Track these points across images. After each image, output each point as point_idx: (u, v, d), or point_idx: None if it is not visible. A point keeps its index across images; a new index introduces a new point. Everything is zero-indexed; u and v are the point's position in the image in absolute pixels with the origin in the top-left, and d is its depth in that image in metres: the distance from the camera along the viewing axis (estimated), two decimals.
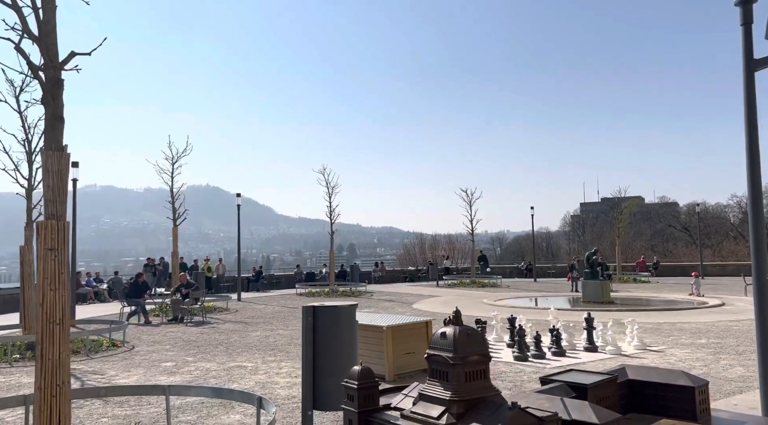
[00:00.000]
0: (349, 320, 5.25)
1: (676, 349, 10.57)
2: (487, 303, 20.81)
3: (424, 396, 1.87)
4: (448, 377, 1.83)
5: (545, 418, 1.81)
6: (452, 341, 1.86)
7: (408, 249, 49.93)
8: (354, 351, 5.27)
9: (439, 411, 1.78)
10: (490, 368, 6.03)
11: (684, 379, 2.49)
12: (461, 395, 1.79)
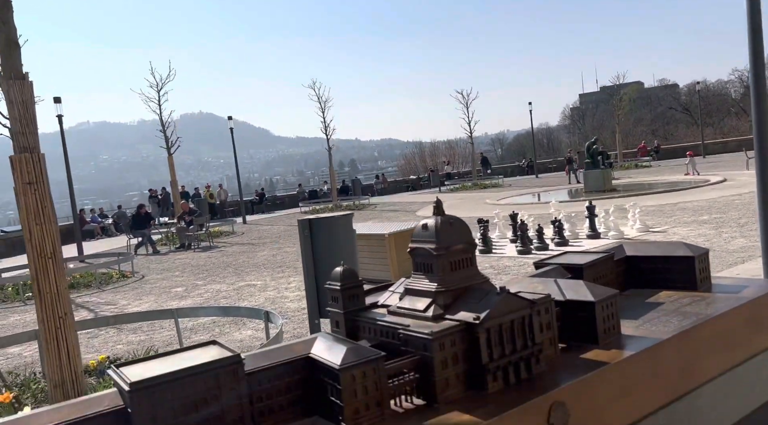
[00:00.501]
0: (346, 229, 5.19)
1: (679, 228, 10.62)
2: (490, 203, 20.88)
3: (409, 290, 1.78)
4: (432, 269, 1.73)
5: (537, 301, 1.72)
6: (434, 232, 1.74)
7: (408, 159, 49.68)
8: (353, 258, 5.25)
9: (425, 303, 1.69)
10: (493, 263, 5.88)
11: (683, 249, 2.40)
12: (447, 285, 1.69)
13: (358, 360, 1.43)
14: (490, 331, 1.59)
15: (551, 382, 1.61)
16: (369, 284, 4.64)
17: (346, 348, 1.47)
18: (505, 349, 1.62)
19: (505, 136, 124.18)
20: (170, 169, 20.28)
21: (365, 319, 1.78)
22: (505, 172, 37.88)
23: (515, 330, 1.65)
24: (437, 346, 1.52)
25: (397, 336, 1.63)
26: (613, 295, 1.91)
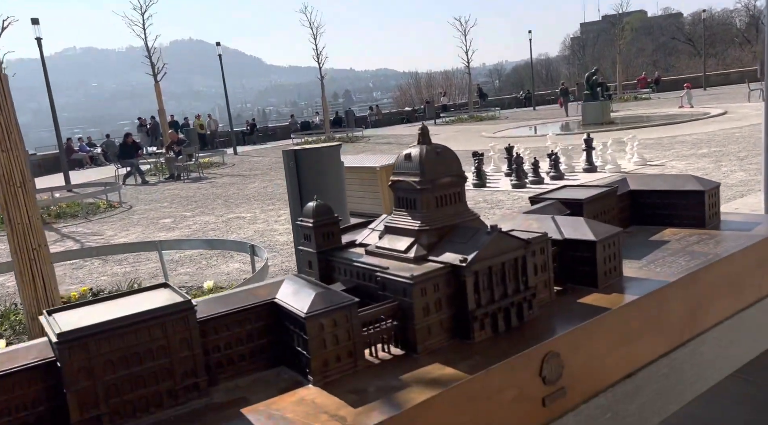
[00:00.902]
0: (333, 161, 4.97)
1: (677, 161, 10.42)
2: (486, 136, 20.53)
3: (390, 228, 1.59)
4: (415, 204, 1.52)
5: (533, 240, 1.53)
6: (418, 163, 1.53)
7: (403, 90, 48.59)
8: (341, 191, 5.05)
9: (407, 243, 1.50)
10: (486, 197, 5.63)
11: (693, 183, 2.21)
12: (431, 223, 1.50)
13: (327, 307, 1.25)
14: (479, 275, 1.41)
15: (544, 331, 1.44)
16: (359, 218, 4.46)
17: (314, 294, 1.29)
18: (495, 294, 1.44)
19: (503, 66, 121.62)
20: (157, 98, 19.70)
21: (340, 260, 1.59)
22: (502, 104, 37.18)
23: (507, 273, 1.47)
24: (418, 291, 1.34)
25: (374, 279, 1.45)
26: (615, 234, 1.72)
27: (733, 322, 1.90)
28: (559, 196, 2.11)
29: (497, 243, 1.45)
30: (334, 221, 1.65)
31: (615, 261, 1.74)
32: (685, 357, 1.73)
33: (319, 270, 1.63)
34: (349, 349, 1.29)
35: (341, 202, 5.06)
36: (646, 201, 2.31)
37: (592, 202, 2.05)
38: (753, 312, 1.98)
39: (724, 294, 1.87)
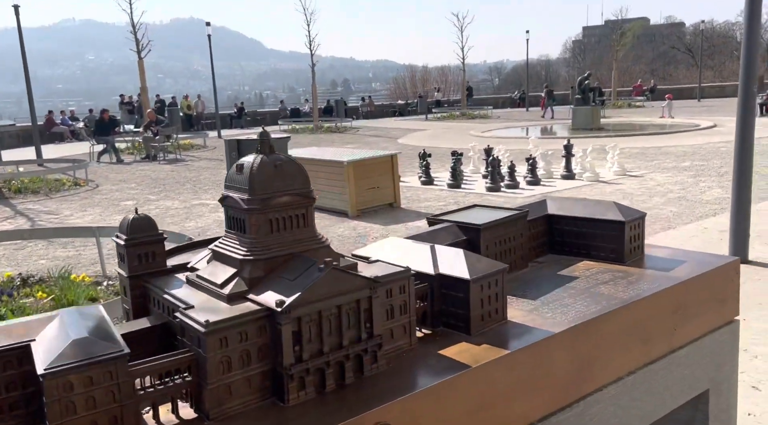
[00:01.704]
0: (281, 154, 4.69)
1: (657, 173, 10.22)
2: (474, 135, 20.27)
3: (216, 254, 1.33)
4: (244, 227, 1.27)
5: (385, 277, 1.28)
6: (248, 176, 1.27)
7: (398, 83, 48.17)
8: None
9: (227, 274, 1.25)
10: (458, 199, 5.31)
11: (614, 212, 1.96)
12: (260, 252, 1.25)
13: (78, 362, 1.00)
14: (302, 322, 1.16)
15: (382, 393, 1.20)
16: (324, 213, 4.09)
17: (72, 340, 1.03)
18: (325, 345, 1.19)
19: (504, 65, 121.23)
20: (140, 75, 19.28)
21: (155, 288, 1.34)
22: (496, 103, 36.92)
23: (344, 318, 1.22)
24: (214, 342, 1.08)
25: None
26: (496, 272, 1.47)
27: (636, 378, 1.66)
28: (458, 219, 1.86)
29: (332, 283, 1.19)
30: (156, 239, 1.39)
31: (497, 303, 1.50)
32: (571, 421, 1.49)
33: (132, 299, 1.37)
34: (113, 414, 1.03)
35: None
36: (564, 228, 2.07)
37: (492, 228, 1.81)
38: (663, 365, 1.74)
39: (628, 345, 1.63)
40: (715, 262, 1.93)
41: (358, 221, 7.65)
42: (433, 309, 1.49)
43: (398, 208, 8.37)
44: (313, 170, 8.44)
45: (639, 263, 1.95)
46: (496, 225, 1.81)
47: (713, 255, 2.03)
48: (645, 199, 8.13)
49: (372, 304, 1.25)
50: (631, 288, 1.72)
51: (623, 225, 1.92)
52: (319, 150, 9.15)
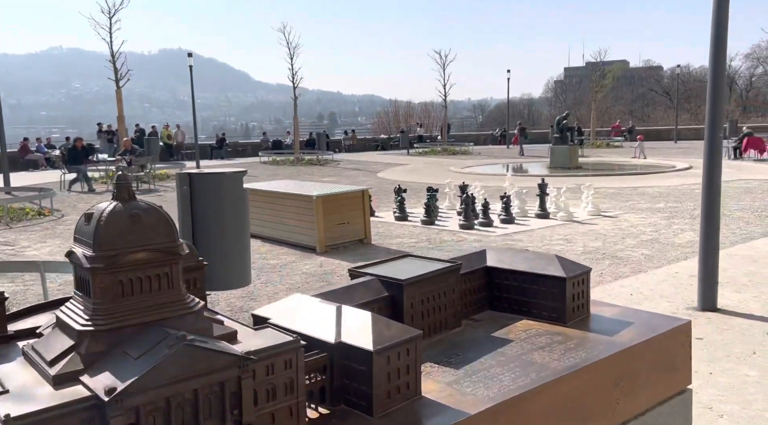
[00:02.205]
0: (235, 189, 4.50)
1: (631, 214, 10.16)
2: (454, 171, 20.27)
3: (59, 321, 1.12)
4: (89, 290, 1.07)
5: (260, 352, 1.08)
6: (94, 228, 1.07)
7: (381, 117, 48.48)
8: (243, 227, 4.58)
9: (63, 348, 1.04)
10: (431, 236, 5.03)
11: (555, 267, 1.79)
12: (102, 321, 1.04)
13: None
14: (141, 412, 0.94)
15: None
16: (292, 249, 3.71)
17: None
18: None
19: (488, 103, 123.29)
20: (118, 104, 19.10)
21: None
22: (477, 140, 37.20)
23: (201, 405, 1.01)
24: None
25: None
26: (407, 341, 1.28)
27: None
28: (382, 272, 1.67)
29: (186, 361, 0.99)
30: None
31: (408, 377, 1.30)
32: None
33: None
34: None
35: (244, 238, 4.59)
36: (504, 282, 1.88)
37: (417, 283, 1.62)
38: None
39: (559, 422, 1.43)
40: (665, 325, 1.75)
41: (325, 257, 7.42)
42: (333, 384, 1.29)
43: (369, 244, 8.17)
44: (283, 204, 8.26)
45: (582, 324, 1.76)
46: (422, 279, 1.62)
47: (664, 317, 1.85)
48: (617, 240, 8.02)
49: (241, 386, 1.05)
50: (569, 355, 1.53)
51: (564, 282, 1.75)
52: (290, 183, 8.97)
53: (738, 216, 9.64)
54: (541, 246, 7.83)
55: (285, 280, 6.36)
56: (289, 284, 6.19)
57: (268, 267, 6.93)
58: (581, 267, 1.83)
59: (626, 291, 5.61)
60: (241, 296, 5.79)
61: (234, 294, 5.80)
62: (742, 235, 8.12)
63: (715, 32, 4.55)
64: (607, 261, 6.91)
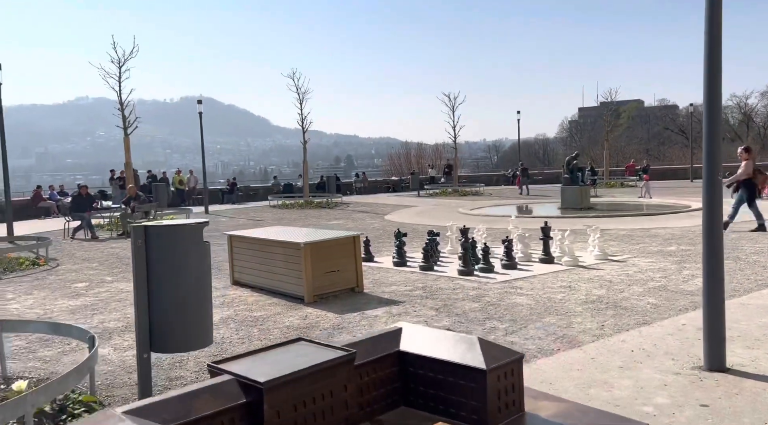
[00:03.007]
0: (194, 242, 4.21)
1: (641, 258, 9.70)
2: (462, 213, 19.94)
3: None
4: None
5: None
6: None
7: (393, 159, 48.60)
8: (203, 282, 4.28)
9: None
10: (428, 283, 4.68)
11: (474, 354, 1.44)
12: None
13: None
14: None
15: None
16: (281, 299, 3.35)
17: None
18: None
19: (503, 143, 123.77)
20: (125, 151, 19.22)
21: None
22: (490, 181, 36.96)
23: None
24: None
25: None
26: None
27: None
28: (243, 369, 1.34)
29: None
30: None
31: None
32: None
33: None
34: None
35: (205, 293, 4.29)
36: (419, 371, 1.54)
37: (284, 386, 1.28)
38: None
39: None
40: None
41: (313, 308, 7.08)
42: None
43: (361, 292, 7.82)
44: (271, 251, 7.97)
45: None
46: (293, 379, 1.29)
47: (618, 418, 1.49)
48: (623, 288, 7.57)
49: None
50: None
51: (485, 375, 1.40)
52: (279, 230, 8.71)
53: (754, 260, 9.14)
54: (542, 294, 7.41)
55: (263, 335, 6.01)
56: (267, 340, 5.84)
57: (249, 321, 6.60)
58: (510, 353, 1.48)
59: (627, 347, 5.17)
60: (214, 354, 5.45)
61: (207, 352, 5.46)
62: (757, 282, 7.62)
63: (708, 70, 4.26)
64: (610, 311, 6.46)
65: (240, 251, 8.62)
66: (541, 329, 5.87)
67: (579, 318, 6.23)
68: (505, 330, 5.85)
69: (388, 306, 7.05)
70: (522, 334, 5.71)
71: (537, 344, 5.38)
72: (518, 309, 6.66)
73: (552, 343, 5.39)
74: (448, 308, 6.84)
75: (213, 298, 7.84)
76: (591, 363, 4.78)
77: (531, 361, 4.89)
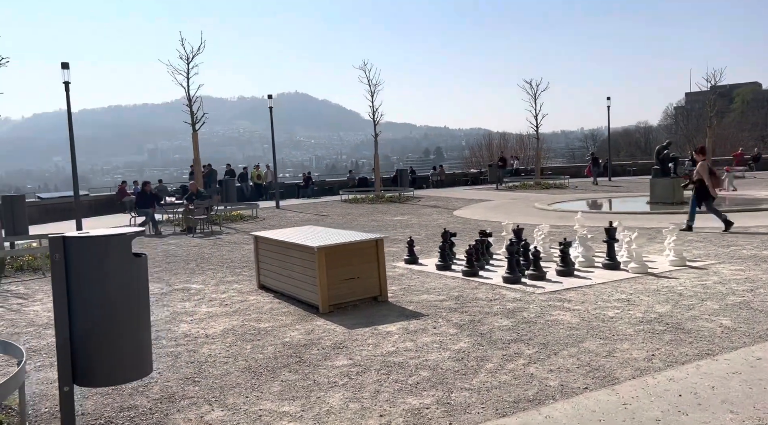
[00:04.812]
0: (121, 256, 3.62)
1: (727, 264, 8.22)
2: (538, 208, 18.58)
3: None
4: None
5: None
6: None
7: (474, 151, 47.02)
8: (137, 301, 3.69)
9: None
10: (464, 292, 3.66)
11: None
12: None
13: None
14: None
15: None
16: (298, 307, 2.71)
17: None
18: None
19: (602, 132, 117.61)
20: (194, 147, 19.47)
21: None
22: (578, 173, 34.73)
23: None
24: None
25: None
26: None
27: None
28: None
29: None
30: None
31: None
32: None
33: None
34: None
35: (136, 315, 3.69)
36: None
37: None
38: None
39: None
40: None
41: (324, 320, 6.40)
42: None
43: (384, 302, 7.04)
44: (290, 255, 7.37)
45: None
46: None
47: None
48: (693, 304, 6.29)
49: None
50: None
51: None
52: (302, 231, 8.08)
53: None
54: (592, 309, 6.30)
55: (255, 353, 5.38)
56: (254, 360, 5.20)
57: (250, 334, 6.01)
58: None
59: (675, 390, 4.06)
60: (192, 375, 4.89)
61: (181, 374, 4.92)
62: None
63: None
64: (669, 335, 5.29)
65: (264, 254, 8.11)
66: (574, 357, 4.85)
67: (626, 343, 5.13)
68: (528, 358, 4.88)
69: (408, 320, 6.24)
70: (548, 364, 4.72)
71: (561, 379, 4.39)
72: (556, 330, 5.63)
73: (580, 379, 4.38)
74: (475, 325, 5.92)
75: (233, 303, 7.42)
76: (620, 413, 3.75)
77: (544, 404, 3.93)
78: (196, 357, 5.28)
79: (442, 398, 4.14)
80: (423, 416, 3.86)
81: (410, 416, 3.87)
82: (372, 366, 4.87)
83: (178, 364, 5.12)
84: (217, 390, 4.45)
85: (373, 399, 4.16)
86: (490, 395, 4.15)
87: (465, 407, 3.97)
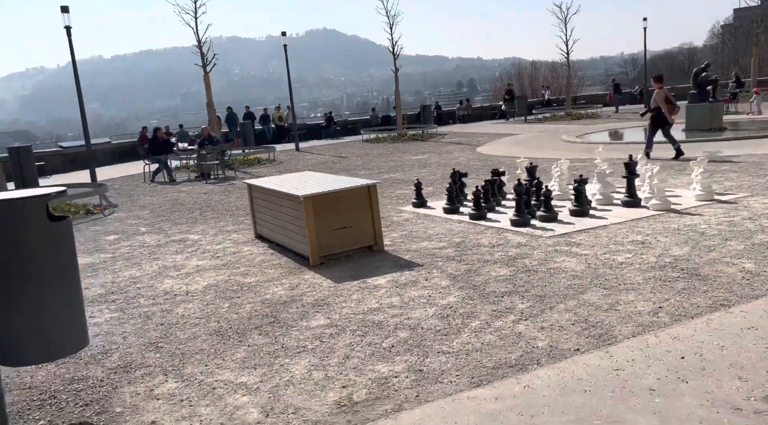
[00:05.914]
0: (39, 222, 3.25)
1: (760, 197, 7.49)
2: (566, 141, 17.67)
3: None
4: None
5: None
6: None
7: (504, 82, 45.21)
8: (65, 269, 3.35)
9: None
10: (467, 237, 3.19)
11: None
12: None
13: None
14: None
15: None
16: (289, 258, 2.50)
17: None
18: None
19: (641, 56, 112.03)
20: (206, 89, 18.99)
21: None
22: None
23: None
24: None
25: None
26: None
27: None
28: None
29: None
30: None
31: None
32: None
33: None
34: None
35: (64, 283, 3.36)
36: None
37: None
38: None
39: None
40: None
41: (314, 273, 6.05)
42: None
43: (380, 251, 6.64)
44: (281, 204, 6.98)
45: None
46: None
47: None
48: (714, 244, 5.68)
49: None
50: None
51: None
52: (294, 177, 7.64)
53: None
54: (601, 254, 5.76)
55: (231, 312, 5.07)
56: (226, 321, 4.90)
57: (231, 291, 5.70)
58: None
59: (679, 350, 3.57)
60: (156, 340, 4.62)
61: (145, 339, 4.65)
62: None
63: None
64: (681, 283, 4.74)
65: (258, 203, 7.73)
66: (571, 312, 4.37)
67: (632, 294, 4.61)
68: (520, 314, 4.42)
69: (401, 271, 5.82)
70: (540, 321, 4.26)
71: (551, 339, 3.93)
72: (556, 279, 5.14)
73: (573, 338, 3.92)
74: (470, 276, 5.47)
75: (225, 255, 7.13)
76: (609, 381, 3.30)
77: (526, 371, 3.50)
78: (167, 319, 5.01)
79: (415, 364, 3.75)
80: (389, 387, 3.48)
81: (375, 386, 3.50)
82: (348, 326, 4.50)
83: (147, 326, 4.86)
84: (177, 358, 4.16)
85: (340, 367, 3.80)
86: (469, 359, 3.74)
87: (438, 375, 3.57)
